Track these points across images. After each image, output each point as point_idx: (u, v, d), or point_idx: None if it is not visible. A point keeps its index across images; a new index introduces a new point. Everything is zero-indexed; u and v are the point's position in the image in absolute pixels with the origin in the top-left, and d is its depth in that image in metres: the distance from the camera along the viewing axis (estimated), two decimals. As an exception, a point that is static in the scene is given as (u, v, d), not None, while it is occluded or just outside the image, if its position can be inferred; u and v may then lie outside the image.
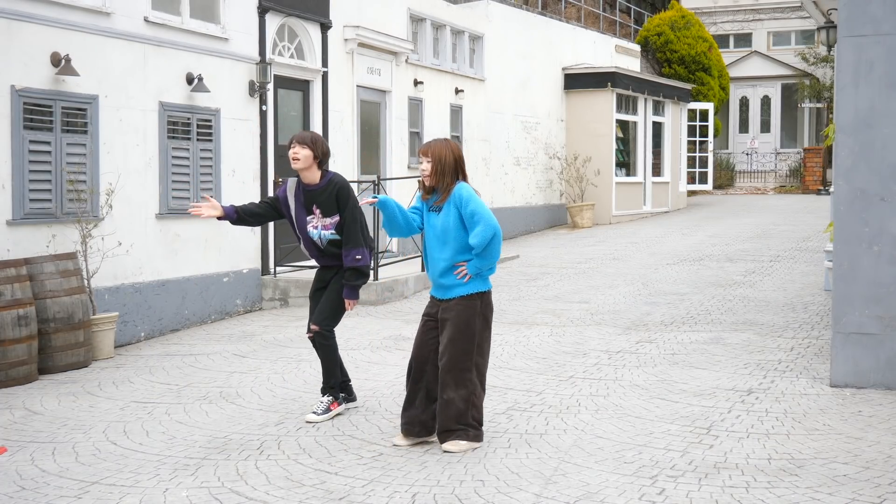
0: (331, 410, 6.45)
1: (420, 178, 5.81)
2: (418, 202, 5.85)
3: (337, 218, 6.35)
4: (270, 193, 11.87)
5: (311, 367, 8.10)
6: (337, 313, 6.48)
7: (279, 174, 12.04)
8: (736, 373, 7.45)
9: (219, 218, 6.33)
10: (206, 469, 5.44)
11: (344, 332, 9.70)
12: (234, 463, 5.53)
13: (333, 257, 6.44)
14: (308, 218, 6.37)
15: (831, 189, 8.21)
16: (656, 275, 13.14)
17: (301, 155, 6.27)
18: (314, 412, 6.42)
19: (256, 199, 11.69)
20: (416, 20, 16.02)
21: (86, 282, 8.91)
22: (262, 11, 11.76)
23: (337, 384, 6.53)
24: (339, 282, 6.42)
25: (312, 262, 12.71)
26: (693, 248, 16.09)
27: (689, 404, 6.54)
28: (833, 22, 13.78)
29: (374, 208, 6.74)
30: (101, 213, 9.32)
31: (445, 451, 5.58)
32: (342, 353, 8.64)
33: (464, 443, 5.61)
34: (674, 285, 12.14)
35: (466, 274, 5.64)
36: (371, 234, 10.21)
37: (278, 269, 11.96)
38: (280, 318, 10.91)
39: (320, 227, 6.37)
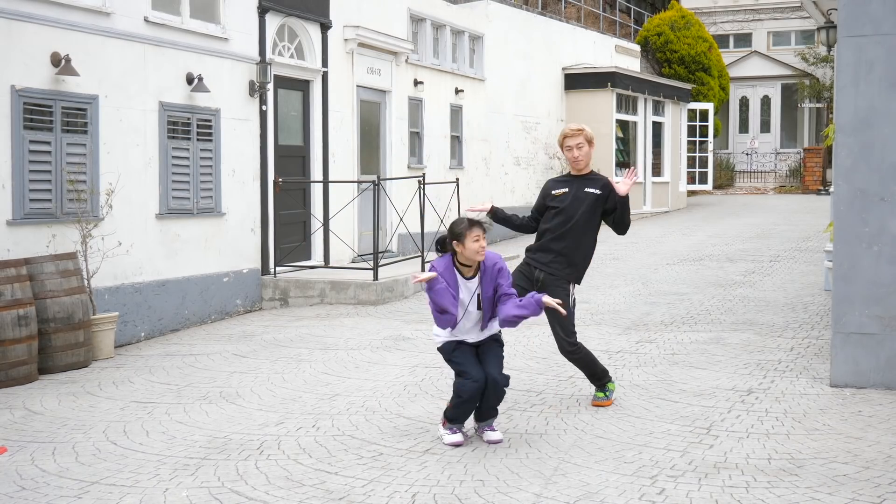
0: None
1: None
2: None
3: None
4: (270, 193, 11.87)
5: (311, 367, 8.10)
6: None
7: (279, 174, 12.03)
8: (736, 373, 7.45)
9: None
10: (206, 469, 5.44)
11: (344, 332, 9.70)
12: (234, 463, 5.53)
13: None
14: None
15: (831, 189, 8.21)
16: (656, 275, 13.14)
17: None
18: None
19: (255, 197, 11.69)
20: (416, 20, 16.01)
21: (86, 282, 8.91)
22: (262, 11, 11.76)
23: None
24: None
25: (311, 263, 12.77)
26: (693, 248, 16.09)
27: (689, 404, 6.54)
28: (833, 22, 13.79)
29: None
30: (101, 213, 9.32)
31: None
32: (342, 352, 8.66)
33: None
34: (674, 285, 12.14)
35: None
36: (372, 235, 10.06)
37: (278, 269, 11.95)
38: (280, 318, 10.90)
39: None
